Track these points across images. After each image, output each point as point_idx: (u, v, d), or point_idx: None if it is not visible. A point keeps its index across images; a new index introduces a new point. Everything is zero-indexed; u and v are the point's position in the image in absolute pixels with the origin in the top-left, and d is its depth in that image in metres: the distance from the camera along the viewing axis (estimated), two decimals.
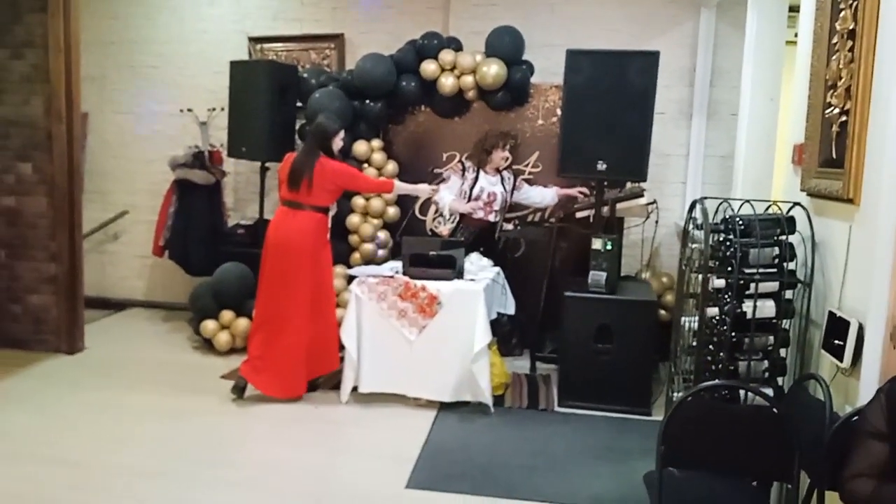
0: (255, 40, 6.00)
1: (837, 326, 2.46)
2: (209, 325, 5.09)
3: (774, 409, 2.22)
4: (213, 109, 5.83)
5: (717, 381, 2.61)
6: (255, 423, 3.96)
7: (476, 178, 4.83)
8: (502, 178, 4.90)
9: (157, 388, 4.38)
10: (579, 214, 4.89)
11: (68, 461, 3.41)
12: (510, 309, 4.74)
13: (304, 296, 4.15)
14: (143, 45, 6.23)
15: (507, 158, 4.88)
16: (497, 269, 4.60)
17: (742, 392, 2.72)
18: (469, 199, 4.80)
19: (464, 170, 4.87)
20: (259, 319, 4.24)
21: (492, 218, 4.84)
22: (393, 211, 5.38)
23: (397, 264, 4.47)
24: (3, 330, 3.50)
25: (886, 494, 1.80)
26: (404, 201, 5.41)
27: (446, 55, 5.14)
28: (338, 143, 4.30)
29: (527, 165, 5.29)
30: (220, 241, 5.67)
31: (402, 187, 4.57)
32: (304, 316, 4.16)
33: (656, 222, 4.90)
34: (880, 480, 1.85)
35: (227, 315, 5.10)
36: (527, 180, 5.12)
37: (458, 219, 4.84)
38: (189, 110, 5.89)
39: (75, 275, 4.91)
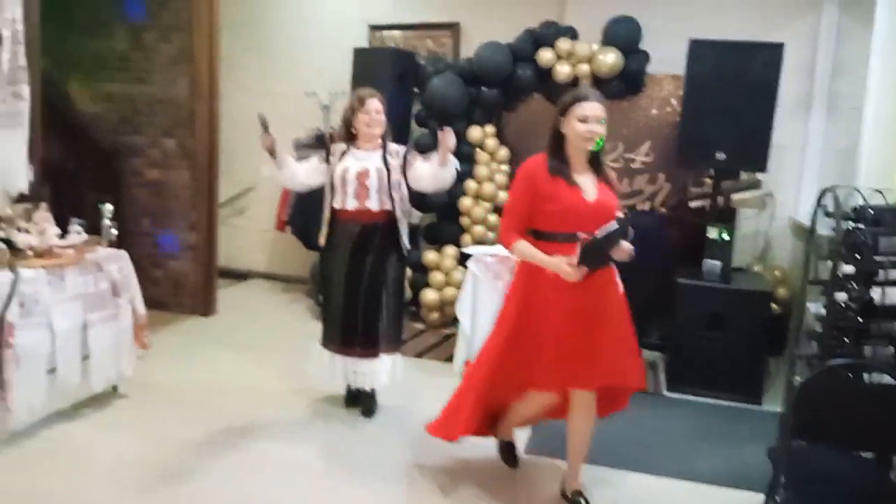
0: (374, 27, 6.27)
1: None
2: None
3: None
4: (336, 93, 6.14)
5: (852, 359, 2.67)
6: None
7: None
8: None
9: (287, 350, 4.71)
10: (693, 204, 4.93)
11: (223, 411, 3.78)
12: None
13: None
14: (269, 28, 6.61)
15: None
16: None
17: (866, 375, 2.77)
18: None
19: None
20: None
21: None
22: (504, 195, 5.54)
23: None
24: (144, 292, 3.91)
25: None
26: None
27: (563, 43, 5.25)
28: None
29: (638, 155, 5.36)
30: None
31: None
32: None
33: (771, 215, 4.89)
34: None
35: None
36: (636, 170, 5.16)
37: None
38: (314, 93, 6.22)
39: (211, 243, 5.34)
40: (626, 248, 2.76)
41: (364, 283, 3.60)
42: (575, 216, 2.72)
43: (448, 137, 3.46)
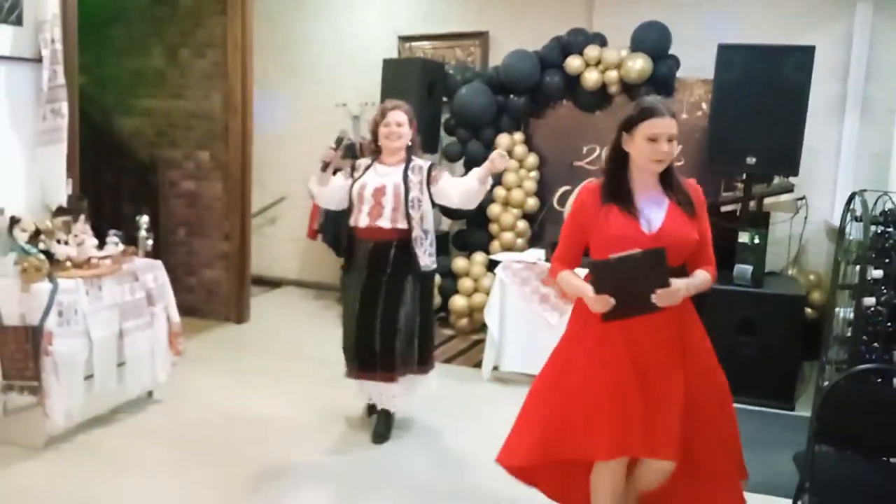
0: (404, 39, 6.35)
1: None
2: None
3: None
4: (366, 104, 6.23)
5: (879, 364, 2.63)
6: None
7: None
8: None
9: (318, 357, 4.76)
10: (724, 208, 4.88)
11: (255, 417, 3.86)
12: None
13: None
14: (301, 44, 6.73)
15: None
16: None
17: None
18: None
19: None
20: None
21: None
22: (532, 202, 5.56)
23: (540, 252, 4.66)
24: (179, 299, 4.02)
25: None
26: (543, 193, 5.58)
27: (591, 51, 5.25)
28: None
29: None
30: None
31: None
32: None
33: (805, 219, 4.82)
34: None
35: None
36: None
37: None
38: (344, 105, 6.31)
39: (244, 253, 5.45)
40: (673, 289, 2.25)
41: (379, 305, 3.43)
42: (628, 248, 2.26)
43: (499, 159, 3.25)
